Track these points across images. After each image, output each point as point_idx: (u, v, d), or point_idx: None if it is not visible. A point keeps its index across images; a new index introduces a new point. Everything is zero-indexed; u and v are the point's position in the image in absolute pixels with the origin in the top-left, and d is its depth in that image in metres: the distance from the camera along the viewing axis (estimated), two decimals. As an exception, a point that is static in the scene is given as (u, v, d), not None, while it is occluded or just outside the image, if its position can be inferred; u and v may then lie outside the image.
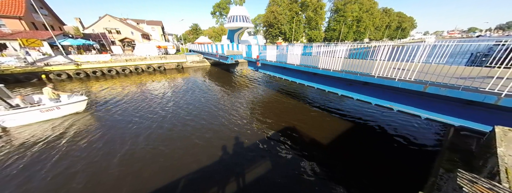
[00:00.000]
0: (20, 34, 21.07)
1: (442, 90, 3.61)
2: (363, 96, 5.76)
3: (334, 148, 6.04)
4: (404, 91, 4.55)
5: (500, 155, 2.38)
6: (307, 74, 7.55)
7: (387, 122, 7.87)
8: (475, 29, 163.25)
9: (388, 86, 4.56)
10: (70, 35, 26.94)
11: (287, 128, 7.32)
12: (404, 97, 4.78)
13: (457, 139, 4.10)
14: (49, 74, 17.61)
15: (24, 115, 7.55)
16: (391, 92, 4.99)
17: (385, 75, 4.48)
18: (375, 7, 59.73)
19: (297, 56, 7.47)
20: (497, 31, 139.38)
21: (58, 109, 8.25)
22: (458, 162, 3.37)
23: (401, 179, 4.68)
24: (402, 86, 4.18)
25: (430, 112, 4.41)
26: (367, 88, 5.57)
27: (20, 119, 7.54)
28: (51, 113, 8.16)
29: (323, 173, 4.85)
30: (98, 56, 21.61)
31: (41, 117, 7.96)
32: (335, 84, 6.56)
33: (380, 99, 5.33)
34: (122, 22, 36.07)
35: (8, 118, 7.26)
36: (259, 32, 62.45)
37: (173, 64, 25.20)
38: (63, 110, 8.47)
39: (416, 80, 4.05)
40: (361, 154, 5.72)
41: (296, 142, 6.38)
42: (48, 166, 5.10)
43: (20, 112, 7.37)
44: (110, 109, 9.59)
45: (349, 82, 6.00)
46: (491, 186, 1.79)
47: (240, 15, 25.34)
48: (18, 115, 7.40)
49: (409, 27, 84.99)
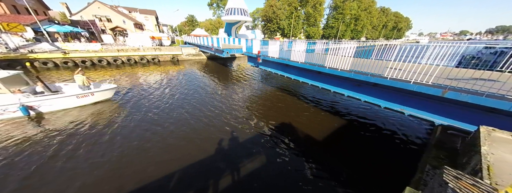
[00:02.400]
0: (0, 17, 19.56)
1: (463, 96, 3.40)
2: (372, 98, 5.48)
3: (325, 144, 6.21)
4: (418, 95, 4.29)
5: (483, 153, 2.53)
6: (312, 73, 7.23)
7: (378, 119, 8.13)
8: (466, 32, 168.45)
9: (401, 89, 4.32)
10: (56, 21, 25.31)
11: (283, 124, 7.41)
12: (417, 101, 4.50)
13: (443, 137, 4.31)
14: (34, 62, 16.67)
15: (62, 101, 7.79)
16: (403, 95, 4.71)
17: (399, 77, 4.22)
18: (373, 6, 59.86)
19: (302, 53, 7.15)
20: (486, 35, 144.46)
21: (92, 95, 8.54)
22: (444, 159, 3.55)
23: (389, 174, 4.91)
24: (417, 90, 3.92)
25: (445, 118, 4.22)
26: (377, 90, 5.28)
27: (57, 104, 7.77)
28: (86, 99, 8.45)
29: (314, 168, 5.00)
30: (87, 45, 20.52)
31: (76, 103, 8.26)
32: (342, 84, 6.25)
33: (391, 102, 5.07)
34: (113, 9, 34.19)
35: (46, 103, 7.47)
36: (257, 27, 61.38)
37: (168, 56, 24.47)
38: (96, 96, 8.76)
39: (434, 84, 3.83)
40: (351, 150, 5.92)
41: (289, 137, 6.50)
42: (100, 145, 5.64)
43: (60, 97, 7.64)
44: (131, 98, 9.92)
45: (358, 83, 5.69)
46: (474, 182, 1.90)
47: (238, 8, 24.63)
48: (56, 101, 7.63)
49: (405, 28, 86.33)
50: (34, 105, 7.29)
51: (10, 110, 6.90)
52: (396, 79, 4.32)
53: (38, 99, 7.24)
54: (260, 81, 15.01)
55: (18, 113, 6.99)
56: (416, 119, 7.65)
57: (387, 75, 4.45)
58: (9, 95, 6.85)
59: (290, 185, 4.41)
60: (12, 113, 6.97)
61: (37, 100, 7.23)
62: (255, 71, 19.01)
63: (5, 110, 6.82)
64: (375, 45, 5.42)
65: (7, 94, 6.83)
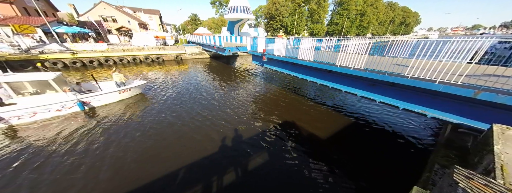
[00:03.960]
0: (12, 19, 20.25)
1: (500, 98, 3.09)
2: (388, 98, 5.08)
3: (329, 143, 6.15)
4: (441, 95, 3.93)
5: (496, 153, 2.42)
6: (321, 72, 6.90)
7: (384, 117, 7.96)
8: (479, 26, 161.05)
9: (424, 89, 3.95)
10: (64, 22, 25.97)
11: (286, 122, 7.38)
12: (441, 102, 4.12)
13: (453, 136, 4.17)
14: (45, 63, 17.22)
15: (108, 96, 8.91)
16: (424, 96, 4.34)
17: (422, 76, 3.85)
18: (380, 1, 58.02)
19: (310, 51, 6.80)
20: (501, 29, 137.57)
21: (130, 90, 9.74)
22: (454, 158, 3.44)
23: (395, 173, 4.83)
24: (443, 90, 3.54)
25: (476, 121, 3.86)
26: (394, 90, 4.88)
27: (104, 99, 8.84)
28: (125, 94, 9.67)
29: (319, 167, 4.97)
30: (94, 45, 21.02)
31: (118, 97, 9.38)
32: (354, 84, 5.84)
33: (410, 103, 4.67)
34: (118, 9, 34.70)
35: (96, 99, 8.55)
36: (260, 25, 60.84)
37: (171, 56, 24.72)
38: (133, 91, 10.00)
39: (464, 84, 3.47)
40: (356, 148, 5.85)
41: (293, 135, 6.48)
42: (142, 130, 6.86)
43: (108, 93, 8.79)
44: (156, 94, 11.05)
45: (372, 82, 5.30)
46: (486, 182, 1.82)
47: (241, 5, 24.41)
48: (104, 96, 8.76)
49: (413, 23, 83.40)
50: (87, 101, 8.30)
51: (67, 106, 7.73)
52: (418, 78, 3.91)
53: (91, 95, 8.25)
54: (263, 79, 14.95)
55: (74, 109, 7.95)
56: (424, 118, 7.47)
57: (408, 73, 4.01)
58: (61, 93, 7.63)
59: (295, 183, 4.41)
60: (68, 109, 7.82)
61: (90, 96, 8.27)
62: (258, 69, 18.94)
63: (63, 106, 7.64)
64: (389, 41, 5.02)
65: (59, 93, 7.62)
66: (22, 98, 7.25)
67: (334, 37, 6.01)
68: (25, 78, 7.13)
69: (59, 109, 7.57)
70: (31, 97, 7.37)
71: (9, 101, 6.99)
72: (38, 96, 7.50)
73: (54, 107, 7.41)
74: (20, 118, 6.85)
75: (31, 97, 7.36)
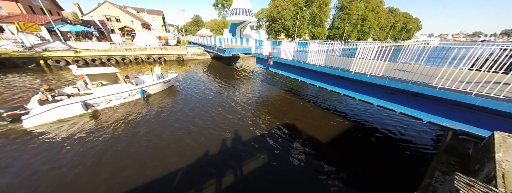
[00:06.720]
0: (17, 17, 20.48)
1: None
2: (410, 109, 4.64)
3: (330, 147, 6.12)
4: (477, 109, 3.49)
5: (498, 160, 2.42)
6: (332, 77, 6.46)
7: (385, 121, 7.95)
8: (480, 34, 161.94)
9: (455, 101, 3.54)
10: (68, 21, 26.23)
11: (287, 125, 7.38)
12: (475, 117, 3.69)
13: (454, 143, 4.15)
14: (48, 60, 17.33)
15: (158, 86, 10.54)
16: (454, 108, 3.93)
17: (453, 87, 3.47)
18: (381, 6, 58.60)
19: (321, 56, 6.43)
20: (501, 37, 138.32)
21: (169, 81, 11.41)
22: (455, 165, 3.42)
23: (396, 179, 4.79)
24: (481, 104, 3.18)
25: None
26: (417, 100, 4.46)
27: (153, 89, 10.37)
28: (166, 84, 11.37)
29: (319, 171, 4.94)
30: (97, 44, 21.19)
31: (162, 87, 11.04)
32: (370, 92, 5.41)
33: (436, 116, 4.25)
34: (122, 9, 35.09)
35: (151, 88, 10.13)
36: (262, 27, 61.33)
37: (173, 56, 24.86)
38: (171, 82, 11.82)
39: (508, 98, 3.11)
40: (357, 153, 5.82)
41: (294, 138, 6.46)
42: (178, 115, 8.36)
43: (157, 83, 10.32)
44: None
45: (392, 91, 4.85)
46: (487, 190, 1.82)
47: (243, 8, 24.71)
48: (155, 86, 10.34)
49: (414, 29, 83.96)
50: (146, 89, 9.85)
51: (131, 94, 9.23)
52: (449, 89, 3.54)
53: (149, 84, 9.83)
54: (264, 81, 14.99)
55: (137, 96, 9.55)
56: (426, 123, 7.46)
57: (437, 83, 3.65)
58: (124, 84, 8.89)
59: (295, 186, 4.38)
60: (132, 97, 9.33)
61: (149, 85, 9.82)
62: (259, 71, 19.01)
63: (130, 94, 9.14)
64: (404, 46, 4.60)
65: (123, 83, 8.87)
66: (96, 88, 8.17)
67: (351, 41, 5.73)
68: (99, 71, 8.17)
69: (126, 96, 9.04)
70: (103, 87, 8.35)
71: (86, 92, 7.96)
72: (108, 86, 8.51)
73: (123, 94, 8.85)
74: (99, 105, 8.14)
75: (103, 87, 8.35)
